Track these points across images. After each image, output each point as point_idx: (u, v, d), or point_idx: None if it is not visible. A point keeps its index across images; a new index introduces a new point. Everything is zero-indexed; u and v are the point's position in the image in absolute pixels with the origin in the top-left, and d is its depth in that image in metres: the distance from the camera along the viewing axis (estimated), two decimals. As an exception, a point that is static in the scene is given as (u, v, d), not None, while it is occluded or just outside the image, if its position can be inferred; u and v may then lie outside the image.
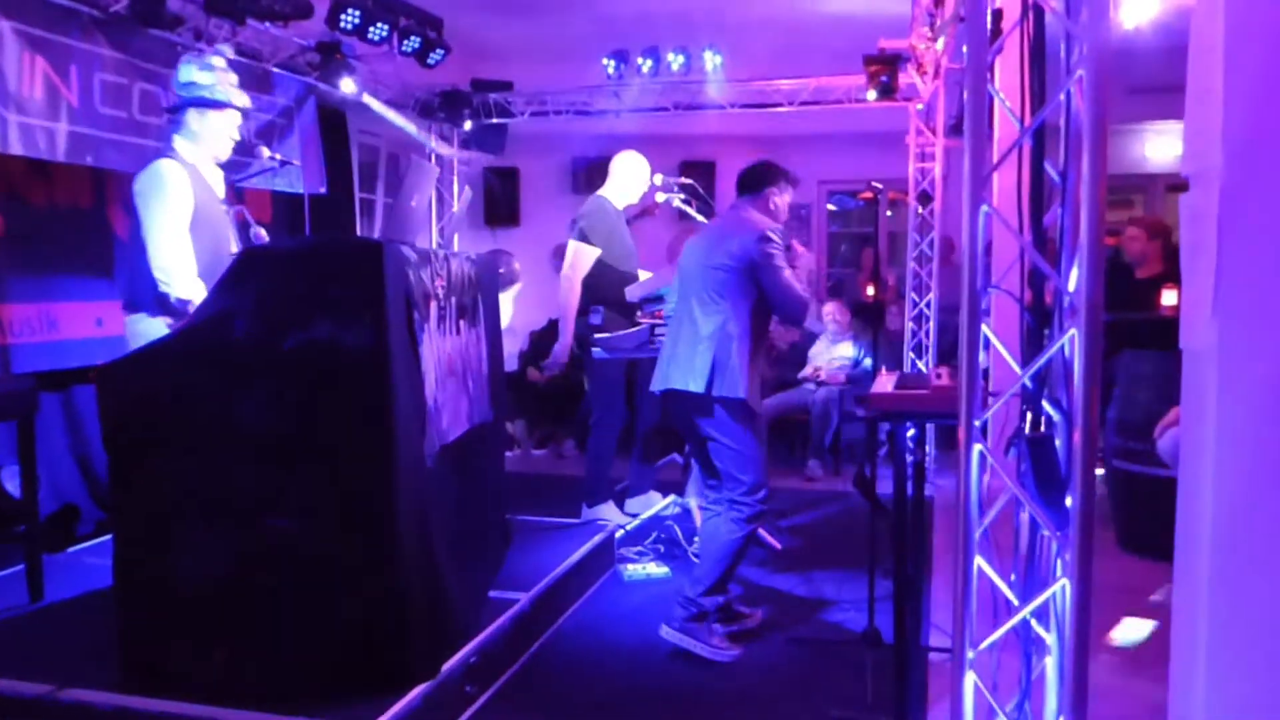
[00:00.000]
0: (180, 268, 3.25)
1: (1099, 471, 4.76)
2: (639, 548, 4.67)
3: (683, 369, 3.47)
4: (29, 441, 3.59)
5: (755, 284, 3.45)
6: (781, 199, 3.68)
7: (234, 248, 3.50)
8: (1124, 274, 5.59)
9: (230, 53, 3.53)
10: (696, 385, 3.40)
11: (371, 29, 5.20)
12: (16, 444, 3.61)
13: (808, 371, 6.97)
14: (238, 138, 3.55)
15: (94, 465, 4.84)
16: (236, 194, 5.19)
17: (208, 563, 2.72)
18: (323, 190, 5.98)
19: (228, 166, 3.63)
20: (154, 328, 3.30)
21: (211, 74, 3.42)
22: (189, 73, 3.40)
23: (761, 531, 4.84)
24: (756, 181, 3.67)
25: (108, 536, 2.89)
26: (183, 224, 3.27)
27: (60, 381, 4.77)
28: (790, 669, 3.39)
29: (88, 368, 4.66)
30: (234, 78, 3.51)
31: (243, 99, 3.52)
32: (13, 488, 4.30)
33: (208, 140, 3.44)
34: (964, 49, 1.71)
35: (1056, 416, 1.69)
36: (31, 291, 4.67)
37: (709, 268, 3.51)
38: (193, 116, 3.41)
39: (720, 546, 3.45)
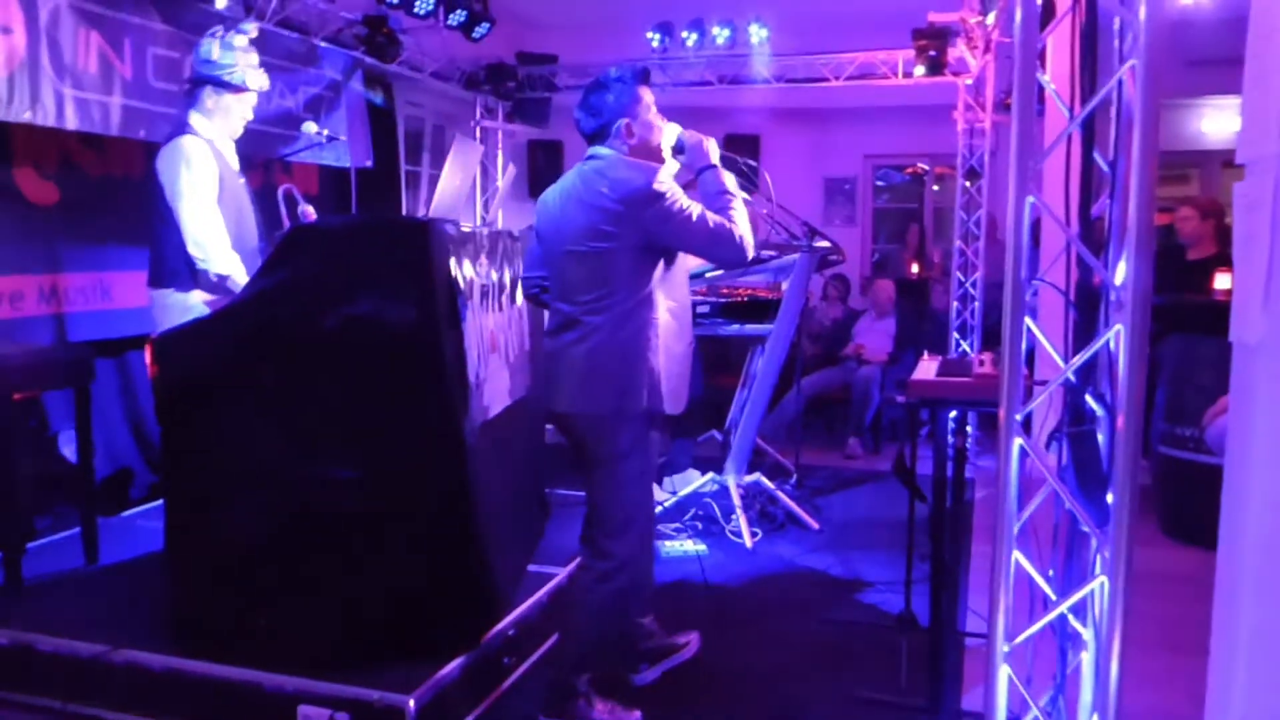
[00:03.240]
0: (215, 243, 3.30)
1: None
2: (677, 524, 4.70)
3: (579, 386, 2.68)
4: (85, 409, 3.68)
5: (655, 251, 2.66)
6: (641, 121, 2.73)
7: (252, 219, 3.55)
8: (1176, 255, 5.48)
9: (254, 31, 3.53)
10: (602, 404, 2.67)
11: (418, 2, 5.22)
12: (74, 410, 3.71)
13: (851, 349, 6.93)
14: (251, 118, 3.56)
15: (147, 430, 4.96)
16: (284, 169, 5.26)
17: (254, 531, 2.79)
18: (369, 164, 6.03)
19: (275, 141, 3.67)
20: (183, 301, 3.37)
21: (232, 54, 3.42)
22: (210, 49, 3.41)
23: (799, 510, 4.86)
24: (599, 124, 2.74)
25: (161, 500, 2.97)
26: (212, 199, 3.33)
27: (115, 348, 4.88)
28: (823, 648, 3.40)
29: (142, 335, 4.76)
30: (254, 58, 3.51)
31: (260, 80, 3.51)
32: (70, 453, 4.42)
33: (221, 119, 3.47)
34: (1015, 27, 1.69)
35: (1100, 411, 1.67)
36: (87, 261, 4.76)
37: (580, 250, 2.66)
38: (208, 94, 3.44)
39: (581, 613, 2.82)
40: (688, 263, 2.86)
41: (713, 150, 2.80)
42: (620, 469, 2.72)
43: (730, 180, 2.76)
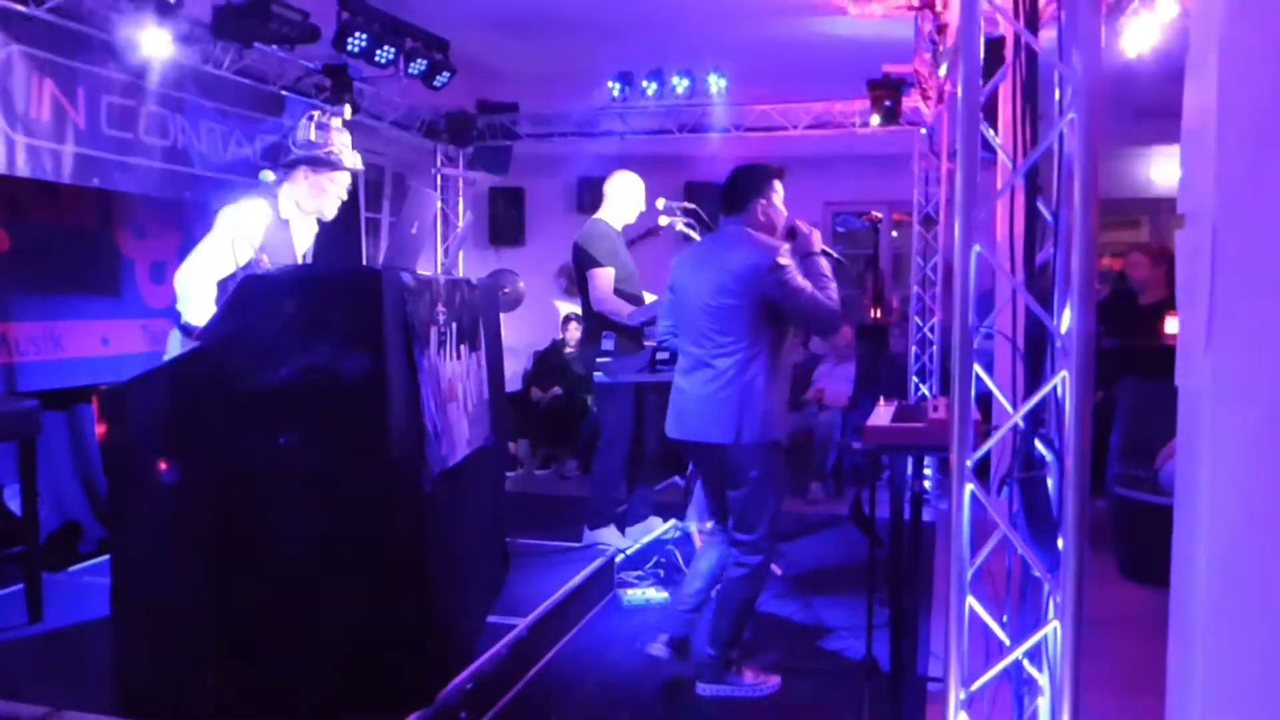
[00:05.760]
0: (194, 295, 3.28)
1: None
2: (639, 572, 4.65)
3: (703, 418, 3.26)
4: (30, 461, 3.60)
5: (770, 312, 3.23)
6: (771, 206, 3.37)
7: None
8: (1129, 300, 5.59)
9: (348, 113, 3.61)
10: (724, 436, 3.21)
11: (378, 52, 5.25)
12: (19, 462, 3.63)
13: (811, 394, 6.96)
14: (345, 198, 3.64)
15: (97, 483, 4.86)
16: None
17: (203, 587, 2.73)
18: (327, 211, 6.00)
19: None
20: (174, 340, 3.39)
21: (326, 134, 3.52)
22: (307, 131, 3.50)
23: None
24: (739, 199, 3.37)
25: (109, 555, 2.90)
26: (222, 259, 3.30)
27: (65, 400, 4.79)
28: (787, 697, 3.37)
29: (93, 386, 4.69)
30: (348, 138, 3.61)
31: (354, 160, 3.60)
32: (15, 506, 4.32)
33: (315, 197, 3.53)
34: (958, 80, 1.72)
35: (1049, 456, 1.68)
36: (37, 310, 4.70)
37: (712, 305, 3.26)
38: (303, 173, 3.50)
39: (731, 600, 3.36)
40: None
41: (817, 240, 3.43)
42: (750, 486, 3.26)
43: (827, 266, 3.38)
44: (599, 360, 4.69)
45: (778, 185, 3.41)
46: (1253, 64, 1.70)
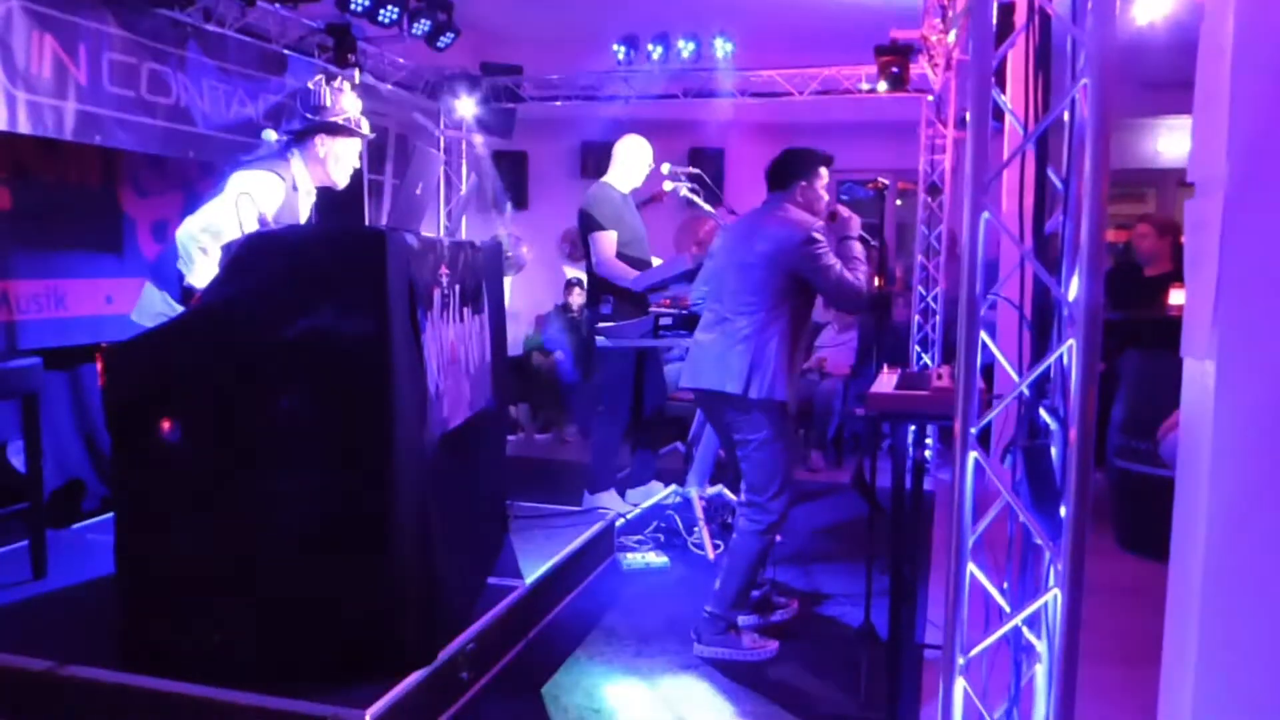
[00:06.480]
0: (198, 252, 3.25)
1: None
2: (639, 536, 4.68)
3: (718, 369, 3.41)
4: (34, 418, 3.60)
5: (797, 284, 3.37)
6: (813, 188, 3.54)
7: None
8: (1133, 272, 5.57)
9: (357, 78, 3.58)
10: (733, 387, 3.34)
11: (382, 11, 5.20)
12: (22, 420, 3.63)
13: (813, 362, 6.96)
14: (358, 165, 3.60)
15: (99, 441, 4.87)
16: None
17: (206, 546, 2.74)
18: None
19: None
20: (151, 297, 3.34)
21: (343, 98, 3.49)
22: (321, 97, 3.47)
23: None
24: (783, 176, 3.54)
25: (112, 513, 2.91)
26: (228, 222, 3.26)
27: (68, 358, 4.79)
28: (785, 664, 3.40)
29: (95, 344, 4.68)
30: (360, 103, 3.57)
31: (366, 127, 3.58)
32: (19, 463, 4.33)
33: (330, 164, 3.50)
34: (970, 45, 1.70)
35: (1054, 425, 1.68)
36: (40, 268, 4.68)
37: (744, 265, 3.42)
38: (320, 141, 3.47)
39: (739, 558, 3.43)
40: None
41: (855, 226, 3.59)
42: (781, 440, 3.39)
43: (860, 249, 3.51)
44: (600, 325, 4.69)
45: (823, 171, 3.56)
46: (1268, 30, 1.68)
